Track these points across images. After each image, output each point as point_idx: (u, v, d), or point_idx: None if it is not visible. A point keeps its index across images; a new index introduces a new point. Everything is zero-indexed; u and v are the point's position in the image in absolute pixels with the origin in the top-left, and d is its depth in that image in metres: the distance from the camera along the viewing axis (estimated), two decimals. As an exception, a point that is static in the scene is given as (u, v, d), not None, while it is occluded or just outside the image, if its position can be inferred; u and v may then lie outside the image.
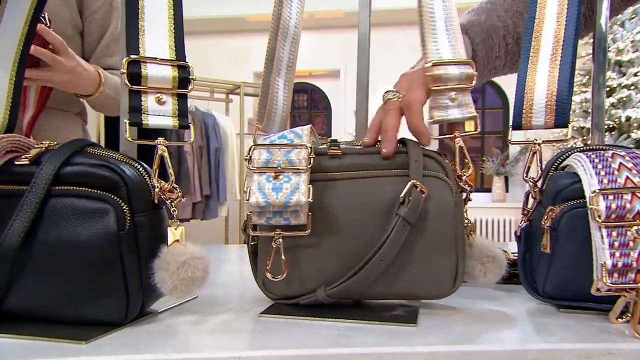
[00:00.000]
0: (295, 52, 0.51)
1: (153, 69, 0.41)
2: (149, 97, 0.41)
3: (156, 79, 0.41)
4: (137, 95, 0.41)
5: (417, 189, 0.40)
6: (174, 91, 0.42)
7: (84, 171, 0.37)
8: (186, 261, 0.39)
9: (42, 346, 0.34)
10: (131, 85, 0.40)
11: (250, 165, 0.41)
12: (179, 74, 0.42)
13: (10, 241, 0.36)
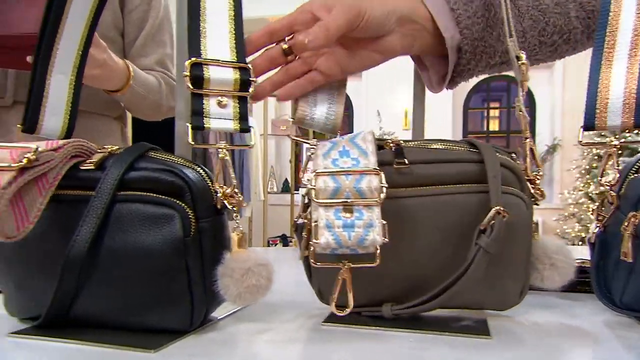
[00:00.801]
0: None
1: (215, 71, 0.40)
2: (211, 100, 0.40)
3: (218, 82, 0.40)
4: (199, 99, 0.40)
5: (500, 215, 0.37)
6: (235, 94, 0.41)
7: (149, 176, 0.37)
8: (251, 268, 0.38)
9: (110, 354, 0.34)
10: (194, 88, 0.39)
11: (316, 197, 0.37)
12: (241, 76, 0.40)
13: (79, 248, 0.35)
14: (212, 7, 0.40)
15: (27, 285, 0.39)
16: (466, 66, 0.48)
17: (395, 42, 0.45)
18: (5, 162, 0.33)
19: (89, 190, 0.37)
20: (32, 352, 0.34)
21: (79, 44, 0.46)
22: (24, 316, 0.41)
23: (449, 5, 0.46)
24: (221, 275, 0.38)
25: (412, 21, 0.45)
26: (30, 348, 0.35)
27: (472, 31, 0.46)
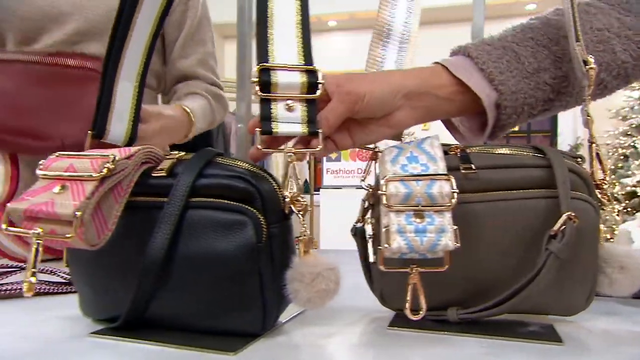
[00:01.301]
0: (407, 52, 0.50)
1: (283, 75, 0.40)
2: (279, 104, 0.40)
3: (285, 86, 0.40)
4: (268, 103, 0.40)
5: (571, 220, 0.37)
6: (302, 97, 0.40)
7: (220, 183, 0.37)
8: (320, 273, 0.38)
9: (191, 356, 0.34)
10: (262, 93, 0.40)
11: (387, 202, 0.37)
12: (308, 79, 0.40)
13: (155, 254, 0.36)
14: (279, 12, 0.41)
15: (104, 288, 0.40)
16: (507, 120, 0.48)
17: (405, 117, 0.45)
18: (87, 172, 0.35)
19: (161, 197, 0.38)
20: (115, 352, 0.35)
21: (143, 52, 0.47)
22: (99, 317, 0.42)
23: (478, 67, 0.46)
24: (291, 280, 0.38)
25: (423, 94, 0.45)
26: (112, 348, 0.36)
27: (508, 85, 0.46)
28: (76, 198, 0.33)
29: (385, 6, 0.48)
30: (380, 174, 0.40)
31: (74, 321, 0.43)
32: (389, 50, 0.48)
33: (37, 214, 0.33)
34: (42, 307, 0.48)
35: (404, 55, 0.49)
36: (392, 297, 0.45)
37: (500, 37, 0.49)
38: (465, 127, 0.50)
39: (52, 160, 0.37)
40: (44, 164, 0.36)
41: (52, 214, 0.33)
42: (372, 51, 0.48)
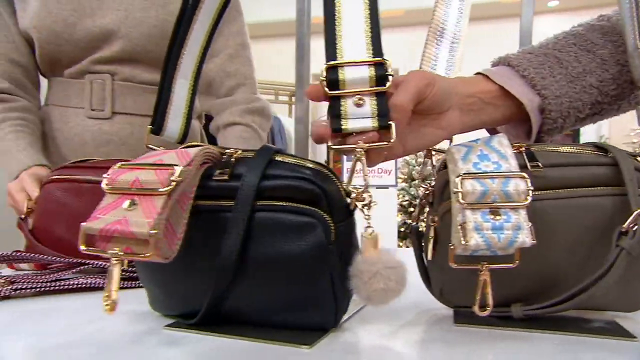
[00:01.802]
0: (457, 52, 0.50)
1: (350, 71, 0.40)
2: (348, 100, 0.40)
3: (353, 82, 0.39)
4: (337, 101, 0.40)
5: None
6: (372, 90, 0.40)
7: (285, 185, 0.37)
8: (378, 272, 0.37)
9: (268, 348, 0.35)
10: (330, 91, 0.40)
11: (463, 199, 0.37)
12: (376, 72, 0.39)
13: (227, 257, 0.36)
14: (347, 8, 0.41)
15: (174, 289, 0.41)
16: (553, 124, 0.48)
17: (455, 118, 0.45)
18: (154, 185, 0.34)
19: (225, 200, 0.38)
20: (195, 345, 0.36)
21: (199, 51, 0.48)
22: (168, 313, 0.43)
23: (519, 74, 0.47)
24: (352, 277, 0.38)
25: (470, 97, 0.46)
26: (191, 342, 0.37)
27: (551, 90, 0.46)
28: (148, 215, 0.33)
29: (441, 5, 0.49)
30: (452, 171, 0.40)
31: (142, 315, 0.44)
32: (442, 49, 0.49)
33: (113, 234, 0.33)
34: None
35: (454, 56, 0.49)
36: (453, 294, 0.45)
37: (541, 46, 0.49)
38: (512, 135, 0.51)
39: (117, 174, 0.36)
40: (109, 178, 0.36)
41: (128, 234, 0.32)
42: (427, 49, 0.49)
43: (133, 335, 0.39)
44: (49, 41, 0.82)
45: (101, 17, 0.82)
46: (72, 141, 0.87)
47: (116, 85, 0.86)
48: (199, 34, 0.46)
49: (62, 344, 0.37)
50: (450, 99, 0.44)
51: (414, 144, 0.45)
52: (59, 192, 0.62)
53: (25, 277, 0.53)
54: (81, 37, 0.82)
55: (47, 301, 0.50)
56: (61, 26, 0.81)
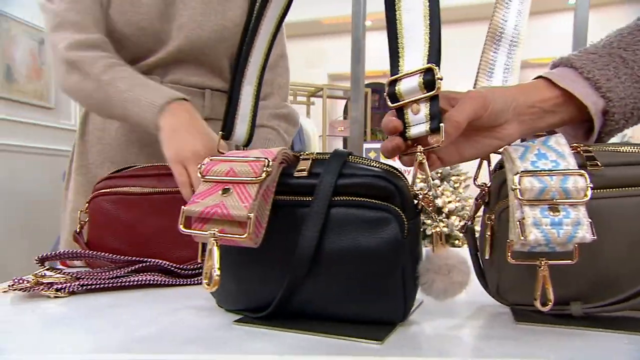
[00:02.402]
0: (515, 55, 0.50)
1: (404, 83, 0.42)
2: (408, 110, 0.42)
3: (408, 91, 0.42)
4: (400, 112, 0.43)
5: None
6: (424, 96, 0.42)
7: (361, 182, 0.39)
8: (455, 266, 0.40)
9: (339, 344, 0.37)
10: (392, 104, 0.43)
11: (521, 196, 0.39)
12: (424, 78, 0.41)
13: (305, 250, 0.38)
14: (407, 21, 0.42)
15: (248, 282, 0.42)
16: (615, 126, 0.48)
17: (513, 129, 0.46)
18: (248, 175, 0.38)
19: (303, 196, 0.40)
20: (269, 340, 0.38)
21: (262, 57, 0.50)
22: (236, 308, 0.44)
23: (583, 76, 0.47)
24: (426, 271, 0.40)
25: (530, 107, 0.46)
26: (265, 336, 0.38)
27: (616, 92, 0.46)
28: (244, 200, 0.36)
29: (500, 9, 0.49)
30: (509, 170, 0.42)
31: (209, 311, 0.46)
32: (500, 53, 0.50)
33: (212, 216, 0.36)
34: (169, 298, 0.51)
35: (512, 59, 0.50)
36: (510, 291, 0.46)
37: (605, 44, 0.49)
38: (570, 135, 0.51)
39: (211, 165, 0.40)
40: (203, 169, 0.40)
41: (227, 216, 0.36)
42: (485, 54, 0.50)
43: (207, 329, 0.40)
44: (118, 41, 0.82)
45: (166, 22, 0.84)
46: (118, 141, 0.87)
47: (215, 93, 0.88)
48: (262, 42, 0.48)
49: (144, 337, 0.38)
50: (507, 114, 0.45)
51: (471, 153, 0.46)
52: (108, 205, 0.64)
53: (87, 273, 0.56)
54: (146, 41, 0.84)
55: (114, 297, 0.52)
56: (134, 29, 0.82)
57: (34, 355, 0.35)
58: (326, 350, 0.35)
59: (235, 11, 0.89)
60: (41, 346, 0.37)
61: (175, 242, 0.63)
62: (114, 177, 0.66)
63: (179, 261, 0.61)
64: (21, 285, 0.50)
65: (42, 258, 0.55)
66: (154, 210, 0.64)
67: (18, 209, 2.99)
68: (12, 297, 0.51)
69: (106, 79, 0.72)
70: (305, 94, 3.60)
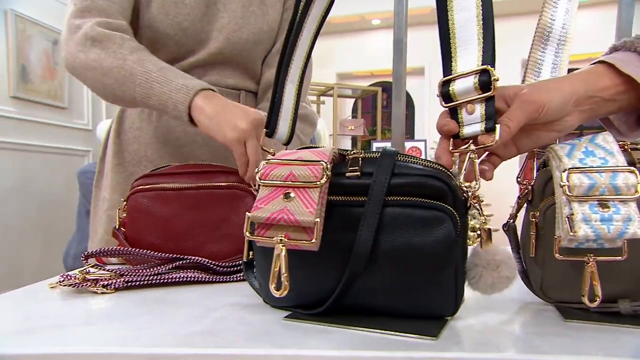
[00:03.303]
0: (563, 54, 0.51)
1: (459, 83, 0.43)
2: (462, 109, 0.43)
3: (462, 92, 0.43)
4: (453, 112, 0.44)
5: None
6: (480, 97, 0.42)
7: (414, 182, 0.40)
8: (504, 261, 0.41)
9: (394, 341, 0.37)
10: (445, 104, 0.43)
11: (570, 192, 0.39)
12: (480, 79, 0.42)
13: (362, 248, 0.39)
14: (460, 20, 0.43)
15: (300, 280, 0.43)
16: None
17: (572, 120, 0.46)
18: (309, 179, 0.38)
19: (356, 196, 0.41)
20: (325, 336, 0.38)
21: (305, 56, 0.51)
22: (284, 305, 0.45)
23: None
24: (474, 266, 0.41)
25: (590, 97, 0.45)
26: (320, 332, 0.39)
27: None
28: (307, 205, 0.37)
29: (548, 8, 0.49)
30: (556, 167, 0.42)
31: (256, 307, 0.46)
32: (547, 53, 0.50)
33: (278, 222, 0.37)
34: (214, 295, 0.52)
35: (560, 57, 0.50)
36: (554, 288, 0.46)
37: None
38: (622, 121, 0.51)
39: (268, 169, 0.40)
40: (262, 172, 0.40)
41: (293, 222, 0.37)
42: (532, 53, 0.50)
43: (258, 325, 0.41)
44: (158, 41, 0.83)
45: (208, 23, 0.85)
46: (156, 140, 0.88)
47: None
48: (305, 41, 0.49)
49: (197, 332, 0.39)
50: (566, 109, 0.44)
51: (528, 145, 0.46)
52: (146, 201, 0.65)
53: (130, 270, 0.57)
54: (186, 41, 0.84)
55: (160, 293, 0.53)
56: (175, 30, 0.82)
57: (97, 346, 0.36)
58: (384, 346, 0.36)
59: (273, 15, 0.90)
60: (98, 340, 0.38)
61: (209, 236, 0.64)
62: (151, 175, 0.67)
63: (212, 256, 0.62)
64: (70, 282, 0.51)
65: (88, 255, 0.56)
66: (189, 205, 0.65)
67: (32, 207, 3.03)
68: (59, 292, 0.52)
69: (133, 58, 0.71)
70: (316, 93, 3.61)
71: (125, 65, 0.71)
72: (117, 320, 0.43)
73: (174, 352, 0.35)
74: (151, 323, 0.42)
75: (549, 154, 0.44)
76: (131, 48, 0.73)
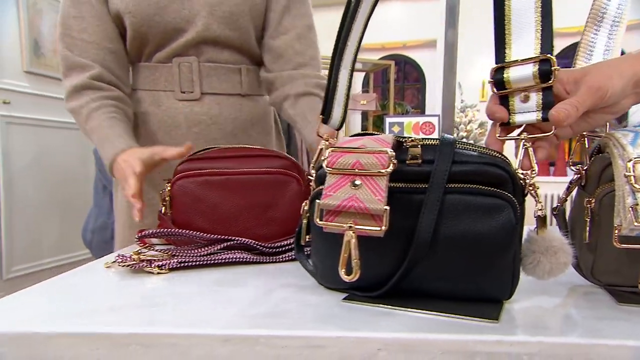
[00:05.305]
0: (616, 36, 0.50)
1: (515, 71, 0.43)
2: (515, 97, 0.43)
3: (518, 80, 0.43)
4: (505, 99, 0.44)
5: None
6: (537, 87, 0.43)
7: (476, 170, 0.41)
8: (561, 247, 0.42)
9: (457, 323, 0.38)
10: (497, 91, 0.43)
11: (636, 182, 0.40)
12: (539, 68, 0.42)
13: (424, 234, 0.40)
14: (518, 7, 0.42)
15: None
16: None
17: (628, 103, 0.45)
18: (375, 168, 0.39)
19: (416, 183, 0.42)
20: (382, 317, 0.40)
21: (357, 41, 0.50)
22: (340, 287, 0.46)
23: None
24: (532, 252, 0.42)
25: None
26: (378, 314, 0.41)
27: None
28: (375, 193, 0.38)
29: None
30: (618, 156, 0.42)
31: (310, 289, 0.48)
32: (600, 35, 0.49)
33: (348, 209, 0.38)
34: (268, 276, 0.54)
35: (613, 40, 0.50)
36: (606, 273, 0.47)
37: None
38: None
39: (334, 157, 0.41)
40: (328, 160, 0.41)
41: (363, 209, 0.38)
42: (585, 36, 0.49)
43: (319, 307, 0.43)
44: (142, 24, 0.85)
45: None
46: (165, 124, 0.91)
47: (202, 67, 0.89)
48: (358, 26, 0.48)
49: (261, 314, 0.41)
50: (625, 92, 0.44)
51: (583, 127, 0.47)
52: (193, 186, 0.67)
53: (180, 251, 0.58)
54: (170, 20, 0.85)
55: (216, 274, 0.54)
56: (154, 9, 0.84)
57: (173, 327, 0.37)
58: (446, 328, 0.37)
59: None
60: (171, 321, 0.39)
61: (257, 221, 0.66)
62: (195, 159, 0.69)
63: (260, 239, 0.63)
64: (127, 262, 0.53)
65: (142, 235, 0.58)
66: (235, 190, 0.66)
67: (49, 182, 3.06)
68: (114, 272, 0.54)
69: (87, 128, 0.86)
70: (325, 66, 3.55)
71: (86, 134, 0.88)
72: (182, 302, 0.44)
73: (251, 334, 0.37)
74: (217, 304, 0.44)
75: (608, 140, 0.45)
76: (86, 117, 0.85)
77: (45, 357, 0.36)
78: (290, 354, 0.36)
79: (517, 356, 0.35)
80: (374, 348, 0.36)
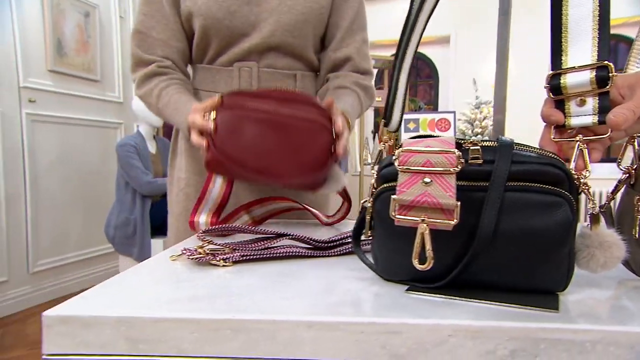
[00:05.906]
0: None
1: (571, 77, 0.45)
2: (571, 101, 0.46)
3: (575, 85, 0.46)
4: (560, 103, 0.46)
5: None
6: (594, 92, 0.45)
7: (535, 169, 0.44)
8: (615, 242, 0.44)
9: (517, 313, 0.41)
10: (553, 96, 0.46)
11: None
12: (597, 75, 0.45)
13: (486, 230, 0.43)
14: (576, 15, 0.45)
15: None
16: None
17: None
18: (445, 166, 0.43)
19: (477, 181, 0.45)
20: (449, 307, 0.43)
21: (414, 48, 0.53)
22: (400, 278, 0.50)
23: None
24: (586, 247, 0.45)
25: None
26: (443, 304, 0.44)
27: None
28: (446, 189, 0.42)
29: None
30: None
31: (371, 280, 0.51)
32: None
33: (422, 204, 0.42)
34: (329, 269, 0.57)
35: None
36: (639, 264, 0.50)
37: None
38: None
39: (406, 157, 0.44)
40: (399, 159, 0.44)
41: (436, 204, 0.41)
42: (637, 42, 0.52)
43: (387, 297, 0.46)
44: (211, 27, 0.89)
45: (256, 5, 0.89)
46: None
47: (261, 72, 0.93)
48: (416, 34, 0.52)
49: (333, 303, 0.44)
50: None
51: (636, 129, 0.49)
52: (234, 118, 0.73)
53: (239, 245, 0.62)
54: (238, 25, 0.89)
55: (279, 267, 0.58)
56: (224, 13, 0.88)
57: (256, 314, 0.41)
58: (509, 318, 0.40)
59: None
60: (253, 308, 0.43)
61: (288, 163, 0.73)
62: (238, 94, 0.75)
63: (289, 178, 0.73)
64: (195, 255, 0.57)
65: (205, 231, 0.61)
66: (272, 128, 0.72)
67: (74, 179, 3.13)
68: (181, 265, 0.58)
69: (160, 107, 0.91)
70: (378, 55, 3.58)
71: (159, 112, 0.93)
72: (257, 291, 0.48)
73: (332, 320, 0.40)
74: (290, 294, 0.47)
75: None
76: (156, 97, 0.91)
77: (151, 339, 0.40)
78: (368, 339, 0.40)
79: (580, 344, 0.38)
80: (445, 334, 0.39)
